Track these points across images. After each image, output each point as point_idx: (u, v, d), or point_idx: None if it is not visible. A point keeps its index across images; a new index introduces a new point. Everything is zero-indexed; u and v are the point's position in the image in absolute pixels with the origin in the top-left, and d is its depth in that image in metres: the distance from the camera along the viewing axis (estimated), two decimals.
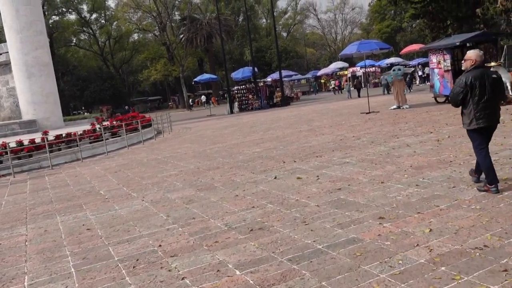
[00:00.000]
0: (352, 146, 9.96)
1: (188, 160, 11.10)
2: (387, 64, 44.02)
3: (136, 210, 6.70)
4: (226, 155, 11.06)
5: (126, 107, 62.49)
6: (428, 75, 36.76)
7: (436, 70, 17.13)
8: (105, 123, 19.32)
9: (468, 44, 16.82)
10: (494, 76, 5.18)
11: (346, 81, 45.90)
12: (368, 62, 47.72)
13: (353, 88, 34.51)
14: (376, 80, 44.97)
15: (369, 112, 17.46)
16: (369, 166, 7.59)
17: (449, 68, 16.32)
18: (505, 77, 14.76)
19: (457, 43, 15.57)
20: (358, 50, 16.52)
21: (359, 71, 48.13)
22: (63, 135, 15.65)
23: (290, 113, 23.98)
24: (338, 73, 52.17)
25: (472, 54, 5.24)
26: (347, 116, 17.64)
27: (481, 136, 5.26)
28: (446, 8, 18.14)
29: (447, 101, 17.39)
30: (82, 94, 60.67)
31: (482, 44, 16.54)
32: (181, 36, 54.37)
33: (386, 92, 32.21)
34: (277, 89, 34.96)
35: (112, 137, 17.48)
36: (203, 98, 54.05)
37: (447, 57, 16.37)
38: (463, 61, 5.42)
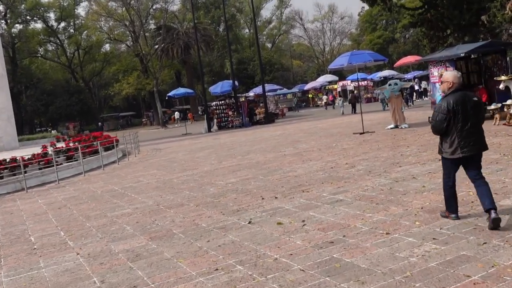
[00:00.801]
0: (346, 177, 8.83)
1: (149, 193, 9.84)
2: (380, 78, 43.53)
3: (64, 270, 5.41)
4: (194, 187, 9.84)
5: (100, 123, 60.90)
6: (425, 89, 36.30)
7: (438, 85, 16.20)
8: (59, 145, 17.93)
9: (472, 56, 16.04)
10: (475, 99, 5.12)
11: (338, 95, 45.26)
12: (359, 75, 47.24)
13: (346, 104, 33.70)
14: (369, 95, 44.35)
15: (363, 133, 16.46)
16: (368, 206, 6.45)
17: None
18: None
19: (462, 54, 14.72)
20: (350, 62, 15.57)
21: (349, 85, 47.59)
22: (7, 160, 14.25)
23: (274, 132, 22.90)
24: (327, 87, 51.56)
25: (449, 76, 5.17)
26: (338, 137, 16.60)
27: (456, 166, 5.27)
28: (447, 15, 17.38)
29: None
30: (46, 110, 59.00)
31: (490, 55, 15.76)
32: (156, 46, 53.31)
33: (386, 107, 31.41)
34: (260, 104, 33.97)
35: (68, 162, 16.11)
36: (177, 114, 52.89)
37: (450, 69, 15.48)
38: (440, 83, 5.37)
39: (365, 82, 46.97)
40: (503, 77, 14.19)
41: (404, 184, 7.54)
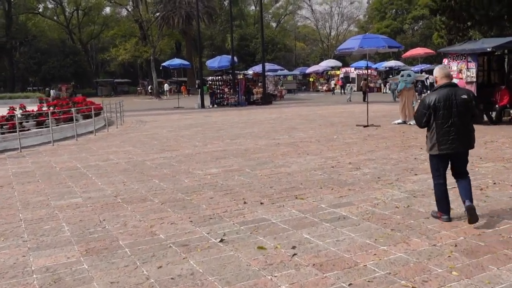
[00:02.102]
0: (350, 182, 7.18)
1: (113, 177, 8.16)
2: (386, 68, 41.71)
3: None
4: (167, 175, 8.16)
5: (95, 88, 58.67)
6: (432, 84, 34.49)
7: (454, 81, 14.50)
8: (30, 108, 16.14)
9: (496, 52, 14.31)
10: (464, 96, 4.91)
11: (341, 82, 43.49)
12: (363, 63, 45.37)
13: (355, 91, 32.23)
14: (371, 85, 42.51)
15: (368, 125, 14.79)
16: (381, 233, 4.81)
17: (474, 79, 13.74)
18: None
19: (488, 49, 12.98)
20: (361, 46, 13.79)
21: (352, 72, 45.76)
22: None
23: (270, 115, 21.16)
24: (329, 72, 49.68)
25: (436, 71, 5.12)
26: (340, 127, 14.91)
27: (442, 163, 5.12)
28: (474, 3, 15.54)
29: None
30: (39, 69, 56.74)
31: None
32: (157, 14, 50.97)
33: (397, 98, 29.90)
34: (259, 84, 32.14)
35: (39, 128, 14.36)
36: (166, 86, 50.92)
37: (472, 65, 13.79)
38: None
39: (369, 71, 45.03)
40: None
41: (425, 202, 5.90)
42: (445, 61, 27.36)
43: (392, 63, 41.33)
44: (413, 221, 5.17)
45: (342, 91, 43.23)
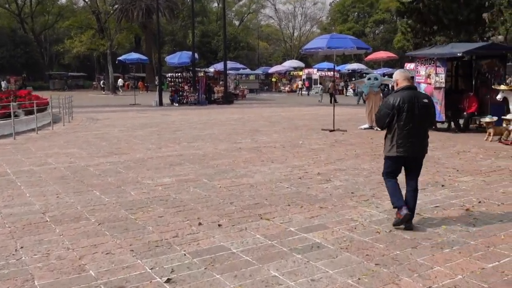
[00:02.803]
0: (321, 197, 6.33)
1: (46, 187, 7.00)
2: (348, 70, 41.48)
3: None
4: (111, 186, 7.07)
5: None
6: (393, 88, 34.51)
7: (422, 85, 14.01)
8: None
9: (465, 57, 13.89)
10: (425, 100, 4.95)
11: (303, 83, 43.03)
12: (325, 65, 45.16)
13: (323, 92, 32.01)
14: (328, 87, 42.24)
15: (334, 130, 14.08)
16: (364, 268, 3.96)
17: (442, 85, 13.26)
18: None
19: (459, 54, 12.50)
20: (329, 46, 13.05)
21: (315, 73, 45.40)
22: None
23: (232, 115, 20.20)
24: (292, 73, 49.18)
25: (396, 74, 5.16)
26: (305, 131, 14.13)
27: (397, 166, 5.07)
28: (443, 7, 15.10)
29: (434, 127, 14.36)
30: None
31: (486, 59, 13.65)
32: (115, 6, 48.99)
33: (362, 101, 29.64)
34: (220, 82, 31.13)
35: None
36: (120, 81, 49.07)
37: (441, 70, 13.30)
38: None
39: (331, 72, 44.76)
40: (502, 87, 12.09)
41: (409, 229, 5.10)
42: (407, 65, 27.22)
43: (355, 65, 41.19)
44: (399, 252, 4.35)
45: (309, 92, 42.83)
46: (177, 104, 27.10)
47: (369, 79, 14.60)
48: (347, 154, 9.94)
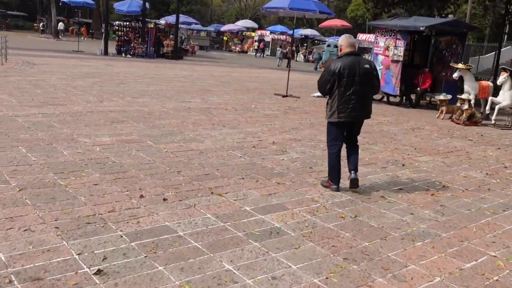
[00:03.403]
0: (277, 172, 5.71)
1: None
2: (301, 35, 40.73)
3: None
4: (40, 142, 6.09)
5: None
6: None
7: (380, 57, 13.62)
8: None
9: (425, 32, 13.57)
10: (367, 66, 4.88)
11: (262, 45, 42.03)
12: (279, 28, 44.24)
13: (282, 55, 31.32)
14: (285, 51, 41.46)
15: (286, 96, 13.47)
16: (331, 263, 3.39)
17: (401, 58, 12.88)
18: (470, 87, 11.70)
19: (421, 28, 12.09)
20: (290, 7, 12.23)
21: (268, 36, 44.38)
22: None
23: (181, 71, 19.07)
24: (244, 33, 47.85)
25: (341, 40, 5.02)
26: (257, 94, 13.41)
27: (339, 131, 5.06)
28: None
29: (384, 99, 14.10)
30: None
31: (447, 36, 13.36)
32: None
33: (319, 68, 29.28)
34: (171, 36, 29.52)
35: None
36: (61, 25, 45.83)
37: (401, 43, 12.90)
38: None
39: (284, 36, 43.94)
40: (460, 65, 11.85)
41: (373, 210, 4.61)
42: (360, 35, 26.88)
43: (308, 31, 40.48)
44: (367, 244, 3.82)
45: (263, 54, 41.91)
46: (130, 56, 25.42)
47: (328, 45, 14.02)
48: (301, 123, 9.37)
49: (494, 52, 27.92)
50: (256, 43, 42.86)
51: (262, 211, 4.34)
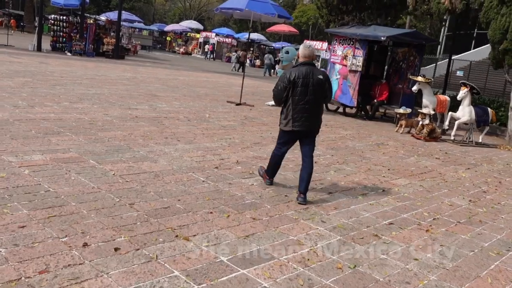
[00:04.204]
0: (249, 201, 4.82)
1: None
2: (247, 40, 39.97)
3: None
4: None
5: None
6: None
7: (337, 67, 13.10)
8: None
9: (382, 43, 13.21)
10: (320, 77, 4.93)
11: (211, 47, 40.82)
12: (225, 30, 43.42)
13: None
14: (231, 55, 40.62)
15: (240, 104, 12.61)
16: None
17: (359, 68, 12.40)
18: (429, 101, 11.41)
19: (383, 38, 11.65)
20: (248, 8, 11.39)
21: (213, 38, 43.35)
22: None
23: (123, 73, 17.68)
24: (189, 34, 46.51)
25: (300, 50, 5.10)
26: (209, 102, 12.44)
27: (291, 140, 5.15)
28: None
29: (339, 110, 13.61)
30: None
31: (404, 47, 13.04)
32: None
33: (268, 74, 28.61)
34: (112, 33, 27.79)
35: None
36: None
37: (360, 52, 12.41)
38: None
39: (229, 39, 43.09)
40: (419, 78, 11.52)
41: (374, 263, 3.83)
42: (306, 41, 26.52)
43: (255, 35, 39.85)
44: None
45: (211, 56, 40.74)
46: (69, 54, 23.49)
47: (287, 52, 13.29)
48: (262, 137, 8.53)
49: (433, 64, 28.70)
50: (207, 46, 41.63)
51: (243, 263, 3.43)
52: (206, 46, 41.36)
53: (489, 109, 11.24)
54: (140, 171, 5.35)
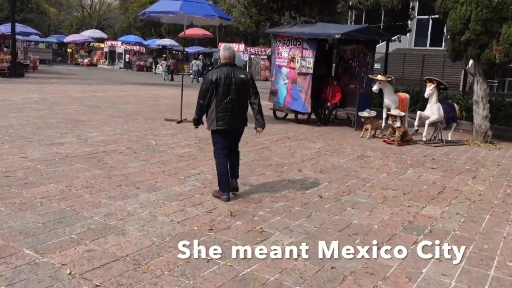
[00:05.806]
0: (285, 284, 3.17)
1: None
2: (159, 46, 37.58)
3: None
4: None
5: None
6: (209, 67, 31.94)
7: (284, 70, 11.72)
8: None
9: (332, 41, 12.05)
10: (242, 76, 5.01)
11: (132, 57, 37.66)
12: (133, 38, 40.67)
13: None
14: (142, 63, 37.94)
15: (181, 121, 10.77)
16: None
17: (310, 70, 11.11)
18: (391, 100, 10.41)
19: (337, 36, 10.41)
20: (182, 10, 9.58)
21: (119, 47, 40.32)
22: None
23: (29, 94, 14.89)
24: (92, 44, 42.88)
25: (220, 51, 5.20)
26: (145, 122, 10.43)
27: (223, 139, 5.11)
28: None
29: (288, 117, 12.26)
30: None
31: (351, 44, 11.94)
32: None
33: (196, 81, 26.42)
34: (5, 49, 24.20)
35: None
36: None
37: (309, 53, 11.14)
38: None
39: (138, 47, 40.29)
40: (380, 77, 10.45)
41: None
42: (221, 44, 25.08)
43: (167, 41, 37.47)
44: None
45: (131, 67, 37.55)
46: None
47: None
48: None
49: None
50: (128, 56, 38.28)
51: None
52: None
53: (455, 104, 10.48)
54: (108, 258, 3.46)
